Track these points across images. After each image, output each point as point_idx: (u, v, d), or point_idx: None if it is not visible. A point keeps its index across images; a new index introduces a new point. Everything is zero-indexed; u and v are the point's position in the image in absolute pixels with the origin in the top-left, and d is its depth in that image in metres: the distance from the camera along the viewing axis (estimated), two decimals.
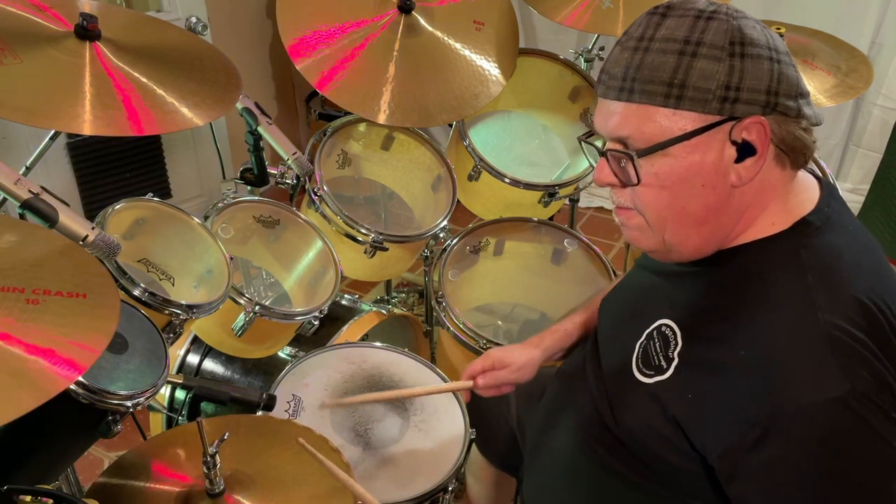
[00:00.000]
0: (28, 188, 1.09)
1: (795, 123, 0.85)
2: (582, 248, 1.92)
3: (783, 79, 0.82)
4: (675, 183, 0.86)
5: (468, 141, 1.91)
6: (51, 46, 1.26)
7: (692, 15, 0.84)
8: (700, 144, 0.83)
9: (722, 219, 0.88)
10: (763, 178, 0.87)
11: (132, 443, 1.24)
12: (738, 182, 0.85)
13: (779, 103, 0.82)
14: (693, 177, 0.85)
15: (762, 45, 0.82)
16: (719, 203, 0.87)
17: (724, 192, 0.86)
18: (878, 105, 2.77)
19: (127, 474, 1.11)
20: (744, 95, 0.81)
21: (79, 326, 0.85)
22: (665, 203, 0.88)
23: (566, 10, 1.93)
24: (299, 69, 1.70)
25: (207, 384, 1.29)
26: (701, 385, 0.87)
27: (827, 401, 0.77)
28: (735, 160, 0.84)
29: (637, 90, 0.84)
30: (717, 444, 0.85)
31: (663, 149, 0.84)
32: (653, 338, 0.96)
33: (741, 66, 0.81)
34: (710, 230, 0.89)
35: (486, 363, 1.25)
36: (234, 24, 2.90)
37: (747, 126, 0.83)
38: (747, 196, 0.87)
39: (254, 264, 1.77)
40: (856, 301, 0.82)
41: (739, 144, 0.83)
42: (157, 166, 2.67)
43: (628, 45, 0.86)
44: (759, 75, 0.81)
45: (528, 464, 1.23)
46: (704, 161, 0.84)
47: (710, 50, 0.81)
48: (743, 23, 0.83)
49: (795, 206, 0.89)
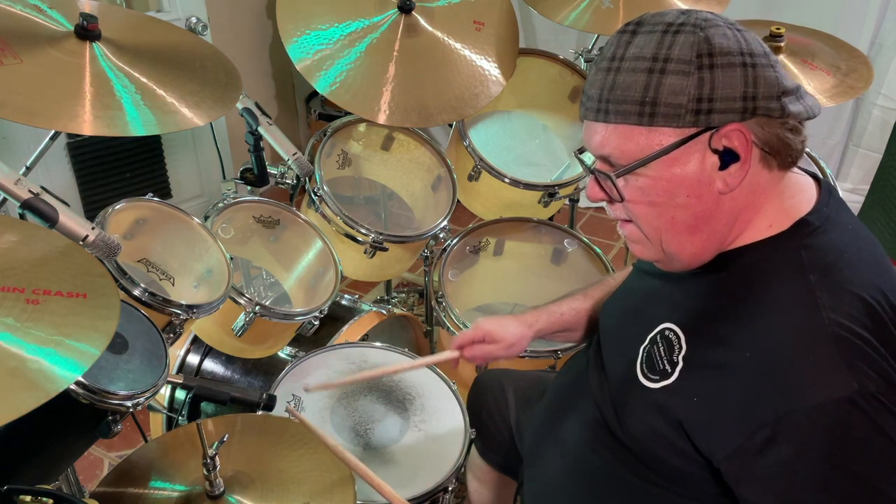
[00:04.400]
0: (28, 188, 1.09)
1: (780, 124, 0.84)
2: (582, 248, 1.92)
3: (760, 82, 0.82)
4: (661, 196, 0.87)
5: (468, 141, 1.91)
6: (51, 46, 1.26)
7: (660, 30, 0.84)
8: (679, 157, 0.84)
9: (715, 225, 0.89)
10: (752, 182, 0.87)
11: (132, 443, 1.24)
12: (725, 189, 0.86)
13: (758, 107, 0.82)
14: (677, 189, 0.86)
15: (733, 51, 0.82)
16: (708, 211, 0.87)
17: (712, 200, 0.87)
18: (878, 105, 2.76)
19: (127, 479, 1.11)
20: (717, 105, 0.82)
21: (79, 326, 0.85)
22: (654, 215, 0.89)
23: (566, 10, 1.93)
24: (299, 69, 1.71)
25: (207, 384, 1.29)
26: (706, 388, 0.87)
27: (834, 400, 0.77)
28: (719, 167, 0.85)
29: (612, 111, 0.85)
30: (724, 447, 0.85)
31: (643, 166, 0.86)
32: (656, 342, 0.95)
33: (711, 77, 0.81)
34: (704, 237, 0.90)
35: (477, 335, 1.25)
36: (234, 24, 2.90)
37: (726, 134, 0.83)
38: (738, 200, 0.87)
39: (254, 264, 1.77)
40: (859, 299, 0.82)
41: (721, 152, 0.84)
42: (157, 166, 2.67)
43: (602, 66, 0.88)
44: (732, 83, 0.81)
45: (529, 466, 1.23)
46: (686, 173, 0.85)
47: (677, 65, 0.82)
48: (711, 32, 0.82)
49: (793, 207, 0.89)
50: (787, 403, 0.79)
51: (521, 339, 1.24)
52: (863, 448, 0.78)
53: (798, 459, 0.80)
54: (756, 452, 0.81)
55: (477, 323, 1.27)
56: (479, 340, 1.25)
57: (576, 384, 1.16)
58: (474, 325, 1.27)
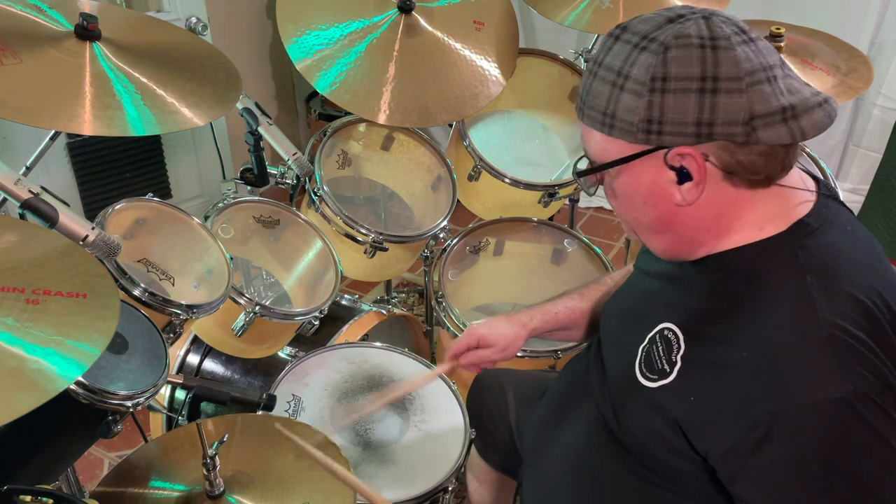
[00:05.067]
0: (28, 188, 1.09)
1: (748, 149, 0.83)
2: (582, 248, 1.92)
3: (719, 109, 0.80)
4: (623, 197, 0.92)
5: (468, 141, 1.91)
6: (51, 46, 1.25)
7: (633, 43, 0.84)
8: (634, 168, 0.87)
9: (680, 230, 0.90)
10: (717, 196, 0.86)
11: (132, 443, 1.24)
12: (683, 202, 0.87)
13: (714, 133, 0.81)
14: (634, 195, 0.90)
15: (692, 77, 0.80)
16: (668, 218, 0.90)
17: (670, 209, 0.88)
18: (878, 105, 2.76)
19: (127, 479, 1.11)
20: (667, 128, 0.82)
21: (79, 326, 0.85)
22: (622, 211, 0.95)
23: (566, 10, 1.93)
24: (299, 69, 1.71)
25: (207, 384, 1.29)
26: (703, 386, 0.87)
27: (828, 401, 0.78)
28: (678, 182, 0.86)
29: (586, 114, 0.89)
30: (719, 445, 0.85)
31: (603, 170, 0.90)
32: (655, 342, 0.96)
33: (661, 102, 0.82)
34: (670, 238, 0.93)
35: (471, 341, 1.25)
36: (234, 24, 2.90)
37: (680, 153, 0.84)
38: (704, 212, 0.88)
39: (254, 264, 1.77)
40: (855, 300, 0.82)
41: (678, 169, 0.85)
42: (157, 166, 2.67)
43: (588, 67, 0.90)
44: (683, 109, 0.81)
45: (528, 467, 1.23)
46: (641, 183, 0.88)
47: (633, 84, 0.83)
48: (674, 54, 0.81)
49: (790, 210, 0.89)
50: (781, 403, 0.79)
51: (516, 340, 1.24)
52: (856, 448, 0.79)
53: (791, 458, 0.80)
54: (750, 451, 0.82)
55: (469, 329, 1.27)
56: (473, 346, 1.25)
57: (576, 385, 1.16)
58: (467, 331, 1.27)
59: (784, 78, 0.84)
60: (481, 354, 1.24)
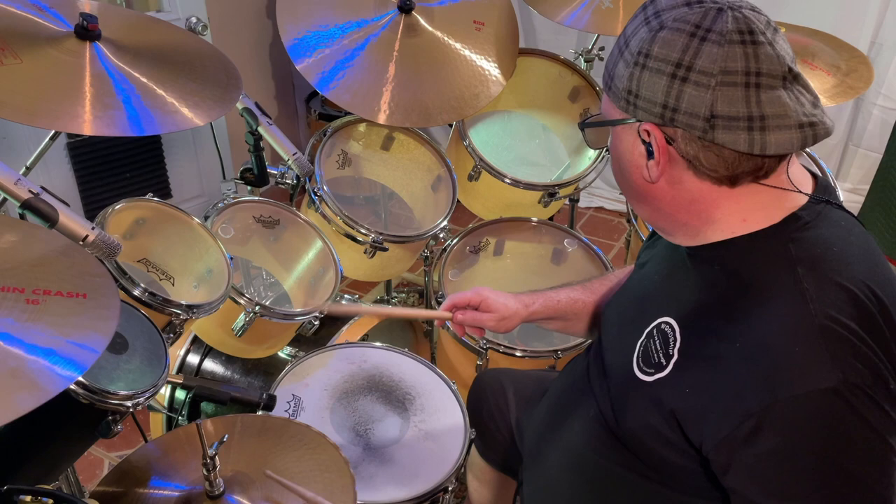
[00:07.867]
0: (28, 188, 1.09)
1: (703, 144, 0.83)
2: (582, 248, 1.92)
3: (684, 98, 0.82)
4: (613, 160, 0.97)
5: (468, 141, 1.91)
6: (51, 46, 1.25)
7: (645, 16, 0.87)
8: (618, 133, 0.93)
9: (657, 205, 0.93)
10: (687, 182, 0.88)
11: (132, 443, 1.24)
12: (647, 178, 0.90)
13: (676, 119, 0.83)
14: (619, 158, 0.95)
15: (669, 60, 0.82)
16: (643, 190, 0.93)
17: (641, 182, 0.92)
18: (878, 105, 2.76)
19: (127, 479, 1.11)
20: (640, 103, 0.86)
21: (79, 326, 0.85)
22: (614, 174, 0.99)
23: (566, 10, 1.94)
24: (299, 69, 1.71)
25: (207, 384, 1.29)
26: (698, 378, 0.88)
27: (819, 391, 0.78)
28: (647, 157, 0.89)
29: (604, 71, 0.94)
30: (713, 436, 0.85)
31: (594, 126, 0.98)
32: (653, 336, 0.96)
33: (639, 76, 0.85)
34: (650, 211, 0.96)
35: (474, 299, 1.24)
36: (234, 24, 2.90)
37: (647, 129, 0.87)
38: (678, 193, 0.90)
39: (254, 264, 1.77)
40: (845, 291, 0.82)
41: (647, 144, 0.88)
42: (157, 166, 2.67)
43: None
44: (654, 89, 0.84)
45: (529, 466, 1.23)
46: (623, 149, 0.92)
47: (627, 55, 0.87)
48: (664, 35, 0.82)
49: (782, 206, 0.89)
50: (772, 393, 0.80)
51: (514, 316, 1.24)
52: (847, 439, 0.79)
53: (783, 449, 0.81)
54: (743, 442, 0.82)
55: (477, 288, 1.26)
56: (474, 305, 1.24)
57: (577, 384, 1.16)
58: (473, 289, 1.26)
59: (780, 90, 0.82)
60: (478, 317, 1.24)
